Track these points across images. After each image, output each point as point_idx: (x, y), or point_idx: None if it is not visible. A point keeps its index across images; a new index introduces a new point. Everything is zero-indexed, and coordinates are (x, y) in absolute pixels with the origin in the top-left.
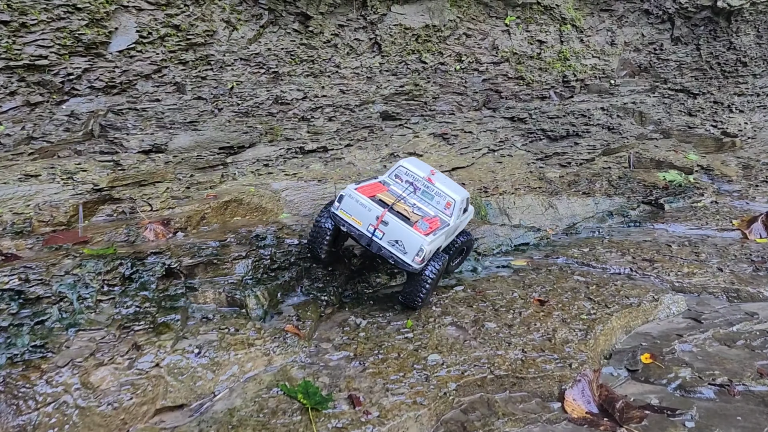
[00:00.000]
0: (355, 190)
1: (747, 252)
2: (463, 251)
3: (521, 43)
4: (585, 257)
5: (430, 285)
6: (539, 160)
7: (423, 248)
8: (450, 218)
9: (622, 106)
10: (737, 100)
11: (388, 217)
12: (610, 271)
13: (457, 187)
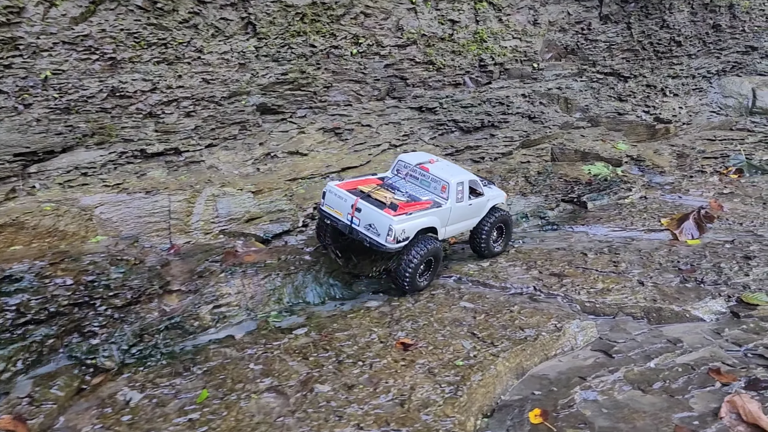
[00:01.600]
0: (336, 185)
1: (675, 258)
2: (501, 229)
3: (430, 23)
4: (482, 274)
5: (413, 268)
6: (449, 156)
7: (392, 227)
8: (446, 201)
9: (546, 92)
10: (671, 83)
11: (361, 204)
12: (510, 291)
13: (456, 172)
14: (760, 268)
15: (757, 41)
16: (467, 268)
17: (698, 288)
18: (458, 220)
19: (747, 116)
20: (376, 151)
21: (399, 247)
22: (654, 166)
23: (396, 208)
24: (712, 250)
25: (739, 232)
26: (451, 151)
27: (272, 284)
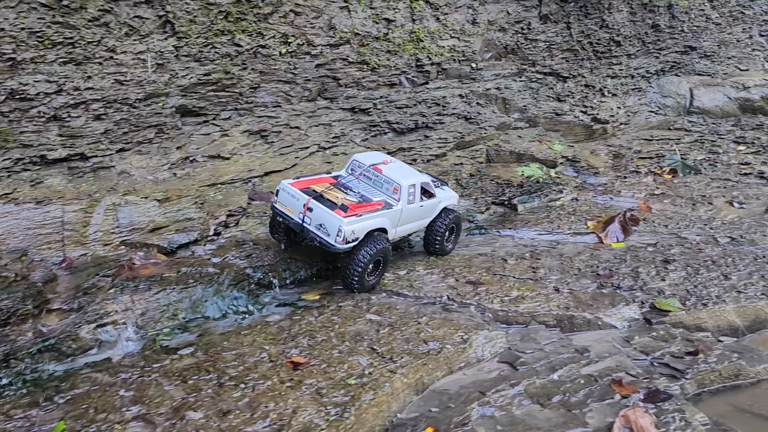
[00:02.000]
0: (290, 183)
1: (595, 263)
2: (453, 229)
3: (365, 22)
4: (398, 283)
5: (362, 267)
6: None
7: (341, 228)
8: (398, 202)
9: (485, 93)
10: (610, 83)
11: (313, 204)
12: (423, 301)
13: (408, 174)
14: (677, 272)
15: (695, 41)
16: (383, 278)
17: (614, 294)
18: (409, 221)
19: (684, 116)
20: (303, 154)
21: (348, 247)
22: (589, 167)
23: (346, 209)
24: (634, 253)
25: (664, 234)
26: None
27: (167, 299)
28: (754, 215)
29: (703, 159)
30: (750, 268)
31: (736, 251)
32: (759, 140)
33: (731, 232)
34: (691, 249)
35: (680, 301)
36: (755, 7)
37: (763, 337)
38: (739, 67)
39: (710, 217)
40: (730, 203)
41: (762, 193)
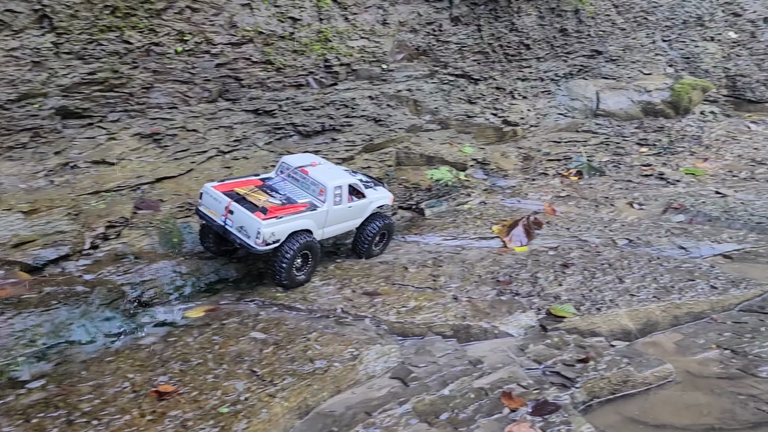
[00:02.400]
0: (213, 186)
1: (496, 269)
2: (383, 235)
3: (269, 21)
4: (290, 296)
5: (287, 262)
6: None
7: (260, 231)
8: (323, 204)
9: (396, 94)
10: (520, 86)
11: (234, 207)
12: (316, 315)
13: (336, 175)
14: (574, 276)
15: (601, 45)
16: (274, 290)
17: (512, 301)
18: (338, 221)
19: (591, 118)
20: (200, 159)
21: (268, 249)
22: (499, 170)
23: (266, 212)
24: (535, 258)
25: (566, 237)
26: None
27: (23, 324)
28: (652, 216)
29: (607, 161)
30: (644, 270)
31: (633, 253)
32: (660, 142)
33: (629, 234)
34: (590, 252)
35: (575, 306)
36: (658, 14)
37: (654, 339)
38: (643, 71)
39: (611, 219)
40: (630, 204)
41: (661, 194)
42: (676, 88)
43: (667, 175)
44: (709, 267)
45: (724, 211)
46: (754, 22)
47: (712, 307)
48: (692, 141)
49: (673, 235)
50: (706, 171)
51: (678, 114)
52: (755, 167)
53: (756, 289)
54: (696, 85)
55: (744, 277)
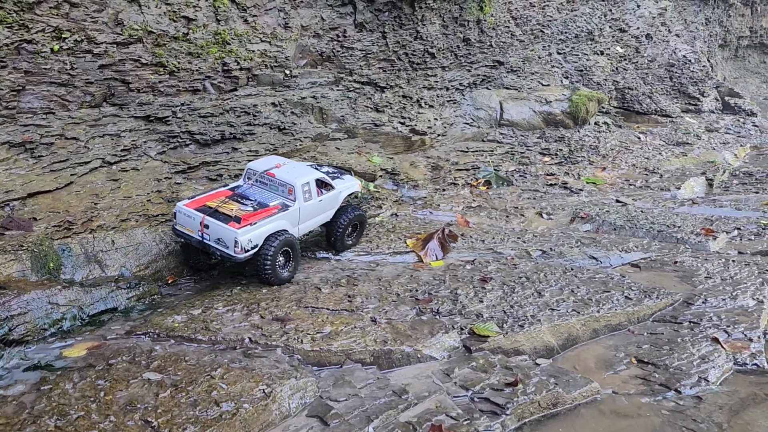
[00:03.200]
0: (185, 205)
1: (414, 286)
2: (356, 226)
3: (159, 20)
4: (190, 326)
5: (270, 263)
6: (180, 173)
7: (237, 239)
8: (294, 202)
9: (300, 101)
10: (427, 95)
11: (208, 221)
12: (221, 347)
13: (302, 173)
14: (494, 292)
15: (503, 56)
16: (171, 320)
17: (433, 321)
18: (311, 216)
19: (496, 128)
20: (82, 170)
21: (248, 255)
22: (409, 180)
23: (240, 220)
24: (453, 273)
25: (481, 250)
26: (183, 168)
27: None
28: (560, 226)
29: (514, 170)
30: (560, 282)
31: (547, 265)
32: (561, 152)
33: (542, 245)
34: (507, 265)
35: (498, 324)
36: (552, 27)
37: (575, 354)
38: (542, 83)
39: (523, 230)
40: (539, 214)
41: (566, 203)
42: (574, 100)
43: (571, 184)
44: (620, 277)
45: (627, 220)
46: (638, 38)
47: (629, 319)
48: (590, 151)
49: (584, 245)
50: (605, 180)
51: (576, 124)
52: (649, 176)
53: (667, 298)
54: (592, 96)
55: (654, 287)
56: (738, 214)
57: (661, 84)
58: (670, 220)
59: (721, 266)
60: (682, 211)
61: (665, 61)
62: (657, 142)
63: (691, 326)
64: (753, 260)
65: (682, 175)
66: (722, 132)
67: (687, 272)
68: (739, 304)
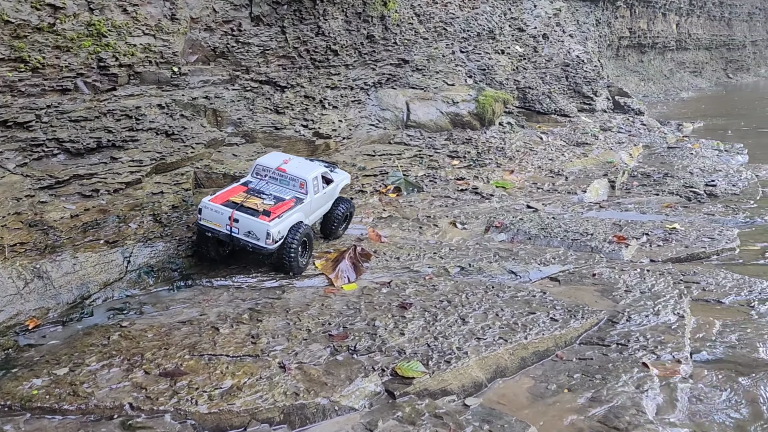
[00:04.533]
0: (210, 200)
1: (327, 318)
2: (347, 217)
3: (19, 7)
4: (54, 391)
5: (294, 252)
6: (45, 189)
7: (270, 232)
8: (306, 196)
9: (191, 103)
10: (330, 95)
11: (237, 215)
12: (92, 418)
13: (309, 168)
14: (416, 321)
15: (408, 54)
16: (28, 386)
17: (350, 361)
18: (318, 208)
19: (403, 129)
20: None
21: (277, 246)
22: None
23: (269, 214)
24: (368, 298)
25: (397, 269)
26: (49, 183)
27: None
28: (475, 236)
29: (423, 175)
30: (483, 304)
31: (468, 283)
32: (469, 154)
33: (460, 260)
34: (426, 286)
35: (423, 361)
36: (455, 25)
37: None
38: (447, 82)
39: (438, 242)
40: (453, 224)
41: (479, 210)
42: (480, 100)
43: (481, 189)
44: (542, 294)
45: (541, 228)
46: (536, 38)
47: (556, 343)
48: (497, 153)
49: (502, 258)
50: (514, 183)
51: (483, 125)
52: (555, 178)
53: (592, 317)
54: (498, 97)
55: (577, 304)
56: (644, 218)
57: (558, 83)
58: (582, 227)
59: (637, 277)
60: (590, 216)
61: (561, 60)
62: (558, 142)
63: (619, 349)
64: (666, 269)
65: (586, 177)
66: (615, 131)
67: (606, 285)
68: (662, 321)
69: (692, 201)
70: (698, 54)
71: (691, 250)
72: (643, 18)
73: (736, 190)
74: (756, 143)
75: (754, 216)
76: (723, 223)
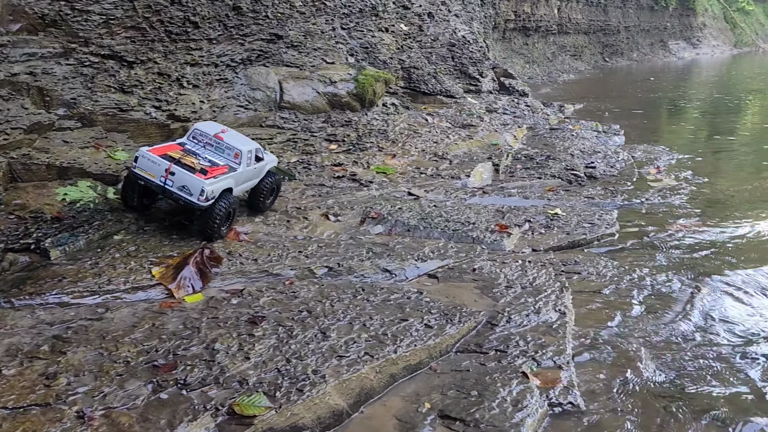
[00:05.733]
0: (149, 150)
1: (154, 343)
2: (273, 190)
3: None
4: None
5: (220, 218)
6: None
7: (204, 189)
8: (239, 166)
9: (10, 80)
10: (190, 72)
11: (175, 169)
12: None
13: (245, 141)
14: (266, 339)
15: (281, 29)
16: None
17: (177, 399)
18: (246, 180)
19: (276, 111)
20: None
21: (208, 204)
22: None
23: (206, 173)
24: (213, 313)
25: (254, 273)
26: None
27: None
28: (350, 229)
29: (297, 161)
30: (350, 312)
31: (334, 287)
32: (349, 137)
33: (329, 259)
34: (285, 293)
35: (269, 392)
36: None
37: (370, 413)
38: (326, 60)
39: (306, 238)
40: (326, 216)
41: (356, 199)
42: (360, 80)
43: (360, 175)
44: (417, 295)
45: (421, 218)
46: (421, 16)
47: (430, 354)
48: (379, 136)
49: (375, 255)
50: (396, 168)
51: (364, 107)
52: (439, 162)
53: (470, 320)
54: (379, 76)
55: (455, 305)
56: (526, 203)
57: (444, 64)
58: (464, 215)
59: (519, 270)
60: (474, 202)
61: (447, 40)
62: (444, 124)
63: (497, 356)
64: (547, 259)
65: (470, 160)
66: (501, 112)
67: (486, 281)
68: (543, 320)
69: (573, 184)
70: (578, 38)
71: (572, 238)
72: (527, 1)
73: (614, 172)
74: (630, 125)
75: (631, 198)
76: (603, 206)
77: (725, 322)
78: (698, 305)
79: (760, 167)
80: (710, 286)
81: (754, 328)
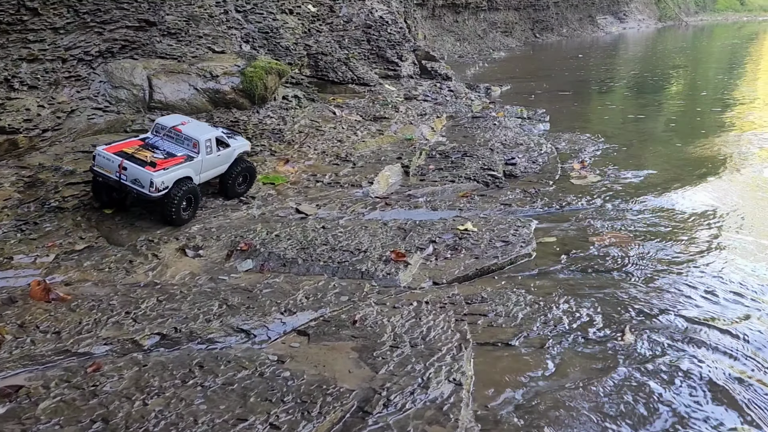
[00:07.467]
0: (104, 149)
1: None
2: (245, 176)
3: None
4: None
5: (177, 204)
6: None
7: (153, 181)
8: (198, 155)
9: None
10: (26, 70)
11: (126, 164)
12: None
13: (205, 131)
14: None
15: (154, 14)
16: None
17: None
18: (211, 167)
19: (145, 113)
20: None
21: (160, 195)
22: None
23: (155, 165)
24: None
25: (48, 355)
26: None
27: None
28: (212, 268)
29: None
30: (169, 414)
31: (162, 366)
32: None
33: (165, 321)
34: (82, 388)
35: None
36: None
37: None
38: (214, 49)
39: (149, 285)
40: (182, 251)
41: (229, 224)
42: (247, 73)
43: None
44: (275, 367)
45: (302, 248)
46: None
47: None
48: (272, 137)
49: (230, 310)
50: (288, 177)
51: (254, 104)
52: (340, 166)
53: (335, 410)
54: (271, 68)
55: (321, 382)
56: (434, 216)
57: (358, 48)
58: (356, 240)
59: (411, 318)
60: (373, 217)
61: (362, 22)
62: (354, 117)
63: None
64: (449, 297)
65: (377, 161)
66: (421, 100)
67: (368, 339)
68: (432, 397)
69: (490, 186)
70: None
71: (482, 263)
72: None
73: (536, 168)
74: (557, 109)
75: (552, 202)
76: (520, 214)
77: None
78: (623, 357)
79: (687, 155)
80: (637, 329)
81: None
